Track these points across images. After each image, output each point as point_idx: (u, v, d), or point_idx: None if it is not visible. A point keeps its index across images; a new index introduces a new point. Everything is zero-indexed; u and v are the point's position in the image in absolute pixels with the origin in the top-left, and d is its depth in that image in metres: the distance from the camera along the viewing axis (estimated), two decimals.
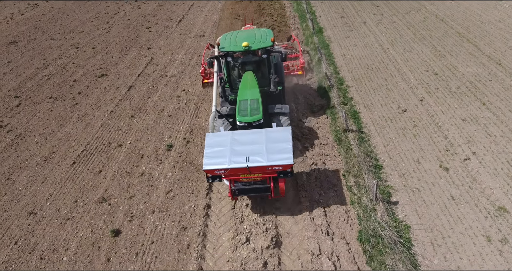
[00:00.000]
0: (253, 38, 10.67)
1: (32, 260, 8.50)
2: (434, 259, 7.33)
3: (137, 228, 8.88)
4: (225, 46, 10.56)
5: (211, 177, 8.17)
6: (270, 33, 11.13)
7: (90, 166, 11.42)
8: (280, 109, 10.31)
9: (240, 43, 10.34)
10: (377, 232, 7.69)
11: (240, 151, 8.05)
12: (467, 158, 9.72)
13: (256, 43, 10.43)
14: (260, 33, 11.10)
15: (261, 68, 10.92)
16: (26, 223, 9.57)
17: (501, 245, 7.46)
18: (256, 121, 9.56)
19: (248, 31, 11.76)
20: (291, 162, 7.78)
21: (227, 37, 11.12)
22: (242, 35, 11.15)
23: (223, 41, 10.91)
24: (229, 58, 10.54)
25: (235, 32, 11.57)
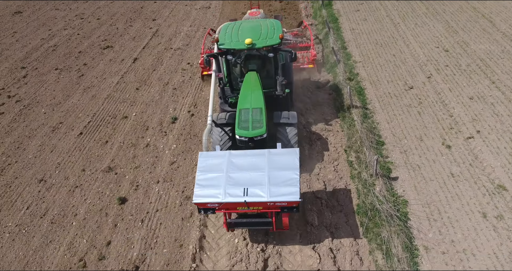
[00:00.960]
0: (258, 33, 9.14)
1: (43, 224, 8.93)
2: (429, 233, 7.54)
3: (143, 196, 9.20)
4: (224, 43, 8.98)
5: (203, 209, 7.07)
6: (278, 27, 9.52)
7: (97, 136, 11.66)
8: (287, 119, 8.91)
9: (243, 39, 8.89)
10: (374, 206, 7.87)
11: (237, 180, 6.82)
12: (471, 137, 9.69)
13: (262, 40, 8.91)
14: (267, 26, 9.52)
15: (266, 67, 9.61)
16: (37, 190, 9.97)
17: (496, 221, 7.61)
18: (258, 136, 8.20)
19: (253, 22, 10.13)
20: (298, 199, 6.49)
21: (227, 31, 9.50)
22: (245, 28, 9.54)
23: (222, 36, 9.32)
24: (230, 57, 9.02)
25: (237, 24, 9.95)
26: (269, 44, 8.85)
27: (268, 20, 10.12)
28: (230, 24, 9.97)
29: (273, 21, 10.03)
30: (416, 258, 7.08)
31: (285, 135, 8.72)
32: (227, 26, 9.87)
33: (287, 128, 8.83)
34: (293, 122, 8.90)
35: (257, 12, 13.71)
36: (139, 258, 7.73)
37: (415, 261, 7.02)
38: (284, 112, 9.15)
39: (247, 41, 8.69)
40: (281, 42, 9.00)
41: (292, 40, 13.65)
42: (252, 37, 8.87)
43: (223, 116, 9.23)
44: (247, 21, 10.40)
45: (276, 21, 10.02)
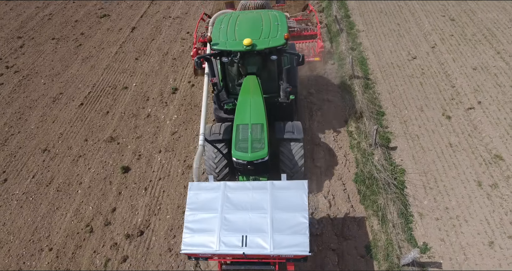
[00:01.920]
0: (258, 30, 7.76)
1: (49, 192, 9.19)
2: (424, 200, 7.76)
3: (145, 166, 9.38)
4: (219, 43, 7.54)
5: (194, 258, 5.90)
6: (282, 21, 8.04)
7: (98, 107, 11.67)
8: (291, 134, 7.58)
9: (240, 37, 7.52)
10: (372, 174, 8.04)
11: (234, 224, 5.62)
12: (471, 107, 9.68)
13: (263, 39, 7.49)
14: (269, 20, 8.10)
15: (268, 70, 8.13)
16: (41, 159, 10.15)
17: (490, 190, 7.81)
18: (259, 159, 6.93)
19: (252, 15, 8.59)
20: (307, 253, 5.34)
21: (222, 26, 8.07)
22: (243, 23, 8.14)
23: (216, 33, 7.85)
24: (225, 59, 7.61)
25: (234, 16, 8.44)
26: (272, 45, 7.36)
27: (271, 12, 8.62)
28: (225, 17, 8.49)
29: (276, 13, 8.54)
30: (411, 224, 7.35)
31: (290, 155, 7.47)
32: (221, 20, 8.38)
33: (292, 145, 7.54)
34: (298, 137, 7.54)
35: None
36: (144, 224, 8.03)
37: (409, 227, 7.29)
38: (288, 124, 7.85)
39: (246, 42, 7.19)
40: (287, 43, 7.49)
41: (296, 28, 12.03)
42: (251, 36, 7.48)
43: (217, 129, 7.84)
44: (245, 13, 8.76)
45: (280, 13, 8.55)
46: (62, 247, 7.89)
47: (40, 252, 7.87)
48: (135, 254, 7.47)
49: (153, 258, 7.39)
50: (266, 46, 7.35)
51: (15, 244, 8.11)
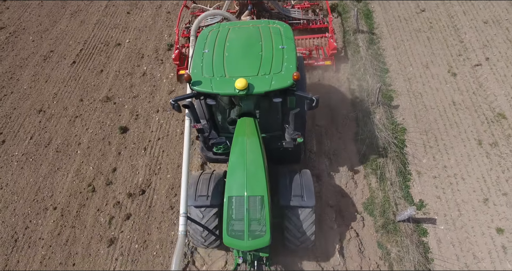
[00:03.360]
0: (256, 60, 5.68)
1: (49, 152, 9.17)
2: (423, 159, 7.79)
3: (143, 126, 9.27)
4: (201, 82, 5.49)
5: None
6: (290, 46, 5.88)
7: (91, 65, 11.24)
8: (300, 200, 5.79)
9: (231, 73, 5.54)
10: (373, 133, 7.97)
11: None
12: (479, 64, 9.33)
13: (263, 78, 5.42)
14: (271, 43, 5.97)
15: (269, 112, 6.18)
16: (37, 120, 10.00)
17: (490, 148, 7.79)
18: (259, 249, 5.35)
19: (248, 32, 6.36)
20: None
21: (206, 50, 5.97)
22: (236, 45, 6.02)
23: (197, 64, 5.77)
24: (211, 101, 5.71)
25: (222, 32, 6.30)
26: (276, 87, 5.35)
27: (273, 25, 6.40)
28: (210, 35, 6.30)
29: (279, 27, 6.35)
30: (408, 182, 7.45)
31: (297, 222, 5.81)
32: (205, 38, 6.22)
33: (300, 213, 5.80)
34: (309, 204, 5.75)
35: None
36: (145, 183, 8.13)
37: (407, 185, 7.39)
38: (295, 181, 6.02)
39: (239, 85, 5.18)
40: (296, 83, 5.39)
41: (302, 20, 10.10)
42: (247, 71, 5.52)
43: (204, 188, 5.99)
44: (237, 28, 6.50)
45: (284, 26, 6.39)
46: (66, 206, 8.07)
47: (45, 211, 8.06)
48: (137, 212, 7.67)
49: (156, 216, 7.59)
50: (267, 89, 5.31)
51: (20, 204, 8.28)
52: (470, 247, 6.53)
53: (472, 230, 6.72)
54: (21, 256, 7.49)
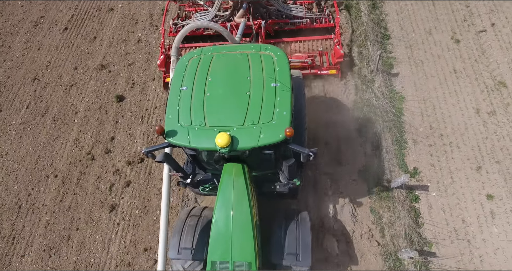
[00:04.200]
0: (243, 104, 4.80)
1: (46, 122, 9.17)
2: (420, 127, 7.80)
3: (140, 94, 9.18)
4: (176, 131, 4.77)
5: None
6: (284, 85, 4.91)
7: (84, 32, 10.90)
8: (294, 258, 5.13)
9: (212, 120, 4.75)
10: (371, 102, 7.92)
11: None
12: (483, 30, 9.03)
13: (250, 129, 4.62)
14: (262, 80, 5.02)
15: (259, 160, 5.19)
16: (32, 89, 9.88)
17: (487, 117, 7.78)
18: None
19: (234, 63, 5.33)
20: None
21: (183, 88, 5.08)
22: (219, 83, 5.09)
23: (172, 109, 4.95)
24: (190, 151, 5.05)
25: (204, 63, 5.31)
26: (265, 142, 4.57)
27: (265, 53, 5.34)
28: (189, 66, 5.33)
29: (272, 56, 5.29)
30: (404, 150, 7.52)
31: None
32: (182, 72, 5.26)
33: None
34: (304, 265, 5.11)
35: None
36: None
37: (402, 153, 7.47)
38: (290, 234, 5.31)
39: (220, 142, 4.45)
40: (289, 137, 4.55)
41: (306, 19, 8.73)
42: (230, 119, 4.71)
43: (188, 240, 5.29)
44: (222, 57, 5.41)
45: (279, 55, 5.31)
46: (66, 174, 8.21)
47: (46, 179, 8.22)
48: (137, 179, 7.82)
49: (155, 183, 7.75)
50: (254, 145, 4.53)
51: (21, 172, 8.43)
52: (460, 213, 6.74)
53: (463, 197, 6.90)
54: (26, 221, 7.76)
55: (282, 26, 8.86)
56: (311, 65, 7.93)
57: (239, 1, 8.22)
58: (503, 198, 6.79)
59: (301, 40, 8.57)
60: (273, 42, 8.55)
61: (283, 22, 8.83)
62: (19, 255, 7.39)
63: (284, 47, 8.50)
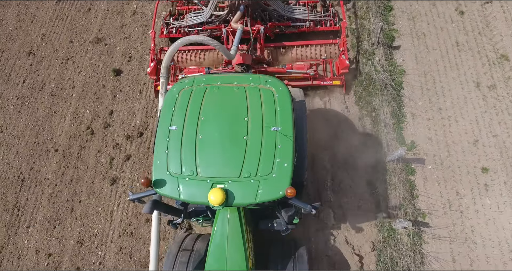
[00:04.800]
0: (239, 152, 4.34)
1: (44, 96, 9.12)
2: (419, 101, 7.78)
3: (137, 68, 9.06)
4: (166, 183, 4.33)
5: None
6: (286, 129, 4.41)
7: (77, 3, 10.59)
8: None
9: (205, 171, 4.30)
10: (371, 75, 7.84)
11: None
12: (489, 1, 8.77)
13: (246, 185, 4.20)
14: (261, 121, 4.50)
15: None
16: (28, 63, 9.74)
17: (487, 91, 7.74)
18: None
19: (231, 99, 4.73)
20: None
21: (173, 128, 4.54)
22: (213, 124, 4.54)
23: (160, 153, 4.47)
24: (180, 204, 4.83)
25: (196, 98, 4.71)
26: (264, 200, 4.18)
27: (265, 89, 4.70)
28: (180, 99, 4.72)
29: (274, 92, 4.70)
30: (402, 124, 7.54)
31: None
32: (172, 105, 4.68)
33: None
34: None
35: None
36: (142, 125, 8.23)
37: (400, 126, 7.50)
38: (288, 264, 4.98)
39: (214, 200, 4.07)
40: (291, 195, 4.13)
41: (307, 22, 8.10)
42: (225, 169, 4.28)
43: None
44: (218, 91, 4.77)
45: (282, 91, 4.71)
46: (67, 148, 8.28)
47: (47, 153, 8.30)
48: (137, 153, 7.90)
49: None
50: (251, 202, 4.16)
51: (22, 146, 8.49)
52: (454, 185, 6.88)
53: (458, 170, 7.00)
54: (29, 194, 7.92)
55: (283, 30, 8.12)
56: (313, 76, 7.40)
57: (235, 2, 7.29)
58: (498, 171, 6.90)
59: (304, 44, 7.82)
60: (272, 46, 7.89)
61: (284, 25, 8.11)
62: (24, 226, 7.62)
63: (285, 52, 7.83)
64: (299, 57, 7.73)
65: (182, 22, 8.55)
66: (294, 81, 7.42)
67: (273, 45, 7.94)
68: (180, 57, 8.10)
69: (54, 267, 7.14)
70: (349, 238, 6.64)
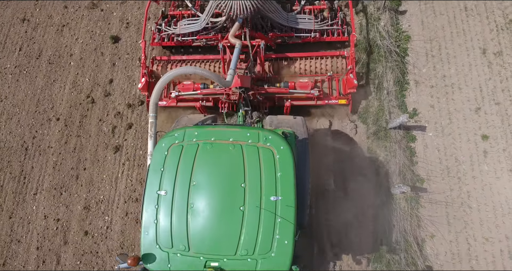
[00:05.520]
0: (235, 229, 3.91)
1: (42, 64, 8.97)
2: (423, 68, 7.66)
3: (135, 34, 8.82)
4: (155, 259, 3.99)
5: None
6: (289, 212, 3.90)
7: None
8: None
9: (197, 246, 3.94)
10: (375, 41, 7.66)
11: None
12: None
13: (243, 265, 3.86)
14: (259, 189, 3.99)
15: None
16: (23, 30, 9.48)
17: (493, 58, 7.60)
18: None
19: (227, 169, 4.14)
20: None
21: (162, 201, 4.10)
22: (205, 196, 4.04)
23: (150, 224, 4.08)
24: None
25: (187, 156, 4.16)
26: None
27: (264, 148, 4.13)
28: (169, 158, 4.20)
29: (275, 152, 4.11)
30: (405, 91, 7.49)
31: None
32: (161, 165, 4.19)
33: None
34: None
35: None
36: (143, 94, 8.15)
37: (403, 94, 7.45)
38: None
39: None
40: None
41: (313, 34, 7.26)
42: (220, 245, 3.91)
43: None
44: (211, 149, 4.18)
45: (284, 152, 4.10)
46: (68, 116, 8.28)
47: (49, 122, 8.31)
48: (138, 121, 7.91)
49: None
50: None
51: (23, 115, 8.49)
52: (454, 152, 6.96)
53: (458, 137, 7.06)
54: (34, 162, 8.04)
55: (286, 41, 7.37)
56: (318, 97, 6.75)
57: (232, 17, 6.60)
58: (498, 138, 6.95)
59: (308, 56, 7.17)
60: (274, 57, 7.18)
61: (287, 36, 7.32)
62: (31, 193, 7.81)
63: (288, 64, 7.12)
64: (302, 71, 7.05)
65: (175, 29, 7.58)
66: (296, 100, 6.83)
67: (275, 56, 7.20)
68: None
69: (63, 231, 7.41)
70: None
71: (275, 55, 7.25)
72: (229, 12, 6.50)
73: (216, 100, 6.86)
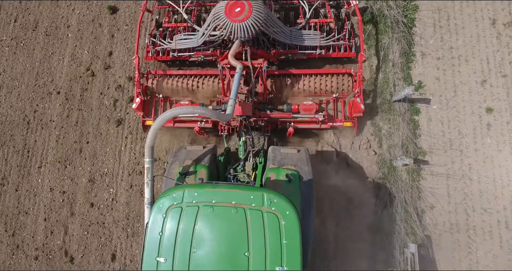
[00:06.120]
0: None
1: (38, 36, 8.75)
2: (430, 39, 7.48)
3: (134, 5, 8.49)
4: None
5: None
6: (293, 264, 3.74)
7: None
8: None
9: None
10: (382, 11, 7.42)
11: None
12: None
13: None
14: (263, 267, 3.75)
15: None
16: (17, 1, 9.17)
17: (503, 28, 7.38)
18: None
19: (229, 236, 3.87)
20: None
21: (161, 268, 3.85)
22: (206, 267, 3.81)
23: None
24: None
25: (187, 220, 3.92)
26: None
27: (269, 214, 3.86)
28: (168, 222, 3.94)
29: (280, 218, 3.85)
30: (411, 63, 7.35)
31: None
32: (159, 229, 3.93)
33: None
34: None
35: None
36: (143, 66, 8.01)
37: (409, 66, 7.32)
38: None
39: None
40: None
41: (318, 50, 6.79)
42: None
43: None
44: (212, 213, 3.91)
45: (289, 218, 3.84)
46: (69, 90, 8.19)
47: (49, 96, 8.23)
48: None
49: None
50: None
51: (23, 89, 8.39)
52: (457, 125, 6.94)
53: (463, 110, 7.01)
54: (37, 136, 8.05)
55: (290, 57, 6.97)
56: (323, 121, 6.42)
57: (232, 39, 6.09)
58: (502, 111, 6.91)
59: (312, 73, 6.73)
60: (277, 73, 6.77)
61: (290, 53, 6.87)
62: (36, 167, 7.88)
63: (291, 84, 6.62)
64: (307, 90, 6.59)
65: (171, 43, 7.05)
66: (300, 123, 6.51)
67: (278, 73, 6.78)
68: (171, 83, 6.79)
69: (70, 203, 7.55)
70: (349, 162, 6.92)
71: (278, 72, 6.82)
72: (229, 35, 6.00)
73: (216, 122, 6.44)
